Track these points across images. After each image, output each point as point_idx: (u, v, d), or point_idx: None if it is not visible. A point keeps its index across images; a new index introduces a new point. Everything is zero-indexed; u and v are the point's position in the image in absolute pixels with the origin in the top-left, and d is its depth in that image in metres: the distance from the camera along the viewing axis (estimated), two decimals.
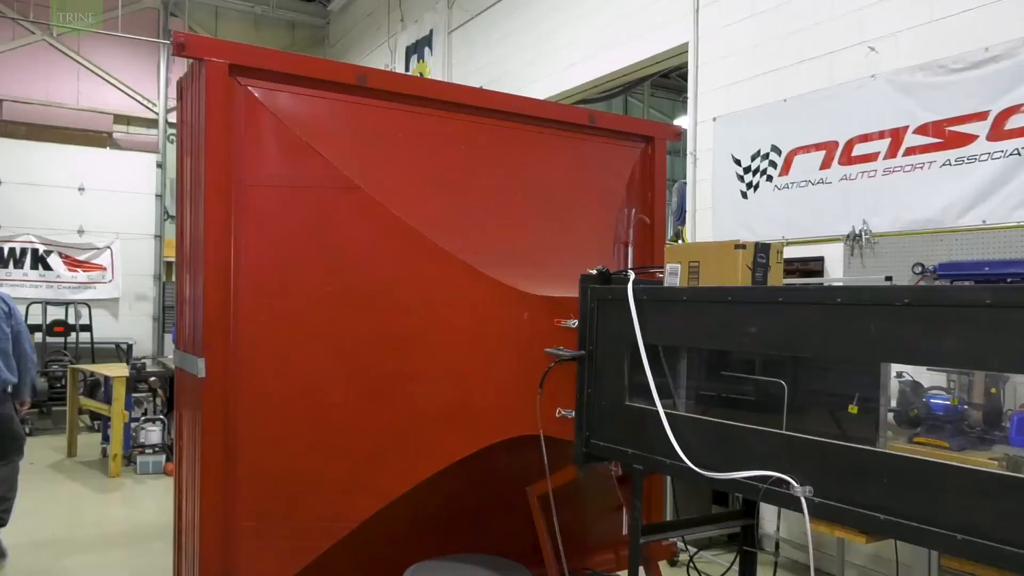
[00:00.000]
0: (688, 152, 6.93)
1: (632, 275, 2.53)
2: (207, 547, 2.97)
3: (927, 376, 3.46)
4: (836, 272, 5.54)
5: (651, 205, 4.45)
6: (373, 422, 3.11)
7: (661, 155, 4.50)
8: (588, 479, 3.25)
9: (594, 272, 2.70)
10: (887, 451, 1.92)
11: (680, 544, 5.04)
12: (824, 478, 1.94)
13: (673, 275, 2.51)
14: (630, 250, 4.14)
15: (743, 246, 2.32)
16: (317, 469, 3.08)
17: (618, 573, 4.03)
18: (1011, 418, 2.37)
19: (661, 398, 2.37)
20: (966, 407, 2.90)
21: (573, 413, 2.73)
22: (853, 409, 2.06)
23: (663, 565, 4.05)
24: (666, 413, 2.31)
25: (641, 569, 2.63)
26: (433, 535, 3.49)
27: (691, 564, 3.28)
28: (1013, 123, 4.55)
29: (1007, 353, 1.61)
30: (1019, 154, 4.51)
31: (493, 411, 3.00)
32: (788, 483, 1.94)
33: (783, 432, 2.10)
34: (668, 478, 5.40)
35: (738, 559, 2.89)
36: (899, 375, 3.44)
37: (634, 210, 4.28)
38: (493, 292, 3.04)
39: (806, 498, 1.92)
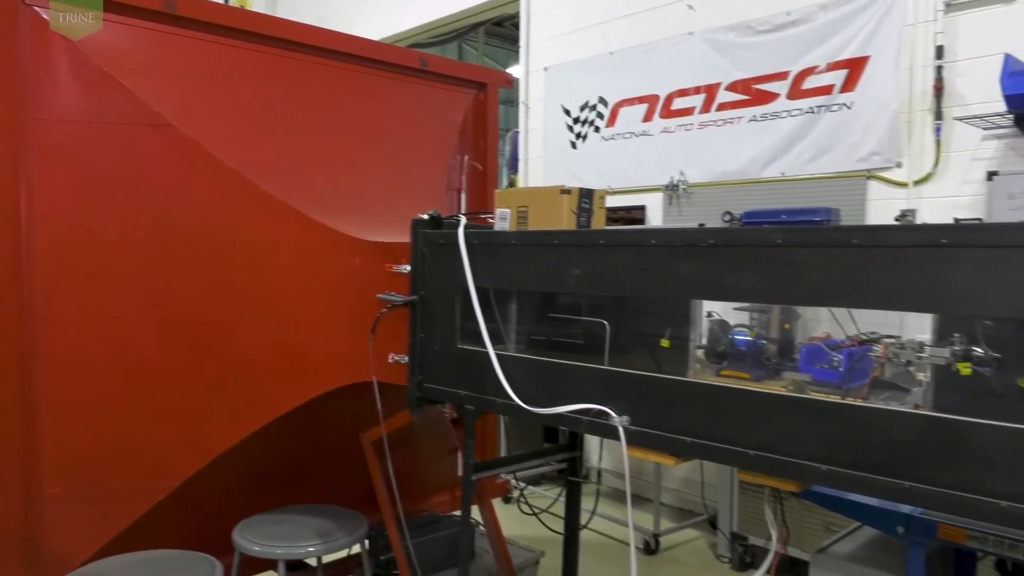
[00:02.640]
0: (521, 101, 7.02)
1: (463, 220, 2.55)
2: (7, 519, 2.73)
3: (733, 315, 3.78)
4: (656, 220, 5.89)
5: (484, 152, 4.47)
6: (195, 375, 2.96)
7: (493, 102, 4.51)
8: (423, 423, 3.29)
9: (425, 217, 2.69)
10: (693, 381, 2.09)
11: (514, 482, 5.26)
12: (640, 408, 2.08)
13: (503, 220, 2.56)
14: (463, 196, 4.16)
15: (568, 192, 2.40)
16: (133, 427, 2.90)
17: (454, 513, 4.15)
18: (801, 350, 2.65)
19: (492, 341, 2.43)
20: (764, 342, 3.20)
21: (406, 358, 2.73)
22: (665, 343, 2.22)
23: (498, 503, 4.21)
24: (496, 354, 2.37)
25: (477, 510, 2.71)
26: (267, 489, 3.40)
27: (521, 498, 3.43)
28: (809, 84, 4.98)
29: (795, 287, 1.79)
30: (813, 112, 4.96)
31: (325, 359, 2.94)
32: (607, 414, 2.07)
33: (603, 368, 2.23)
34: (502, 420, 5.60)
35: (565, 490, 3.07)
36: (709, 315, 3.73)
37: (467, 157, 4.28)
38: (323, 238, 2.95)
39: (623, 427, 2.06)
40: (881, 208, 4.64)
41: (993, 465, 1.47)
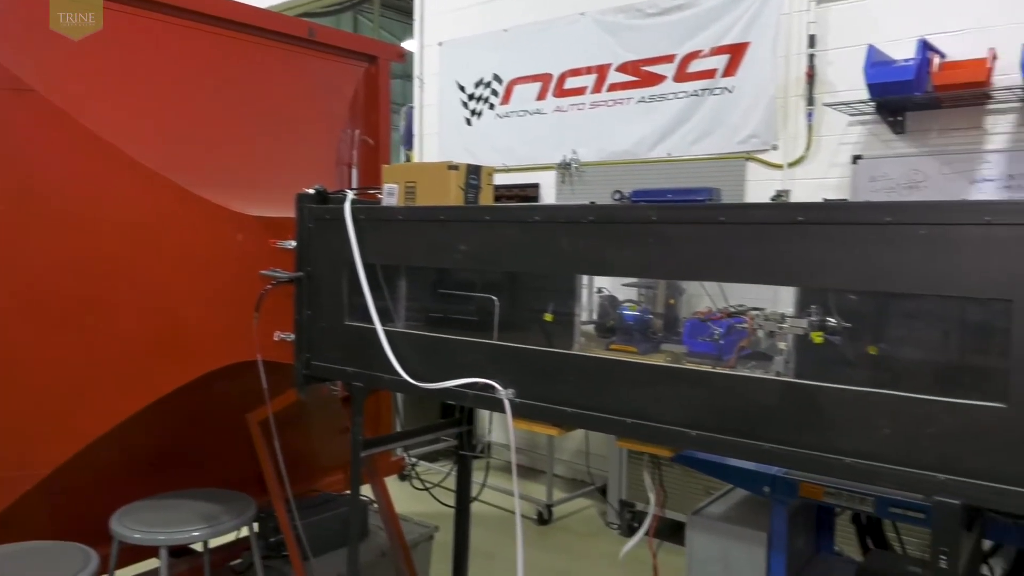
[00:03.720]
0: (415, 76, 6.93)
1: (350, 194, 2.51)
2: None
3: (622, 291, 3.90)
4: (550, 197, 5.98)
5: (376, 127, 4.40)
6: (66, 357, 2.80)
7: (385, 76, 4.44)
8: (315, 402, 3.25)
9: (311, 192, 2.63)
10: (574, 353, 2.16)
11: (409, 459, 5.27)
12: (526, 381, 2.12)
13: (390, 195, 2.54)
14: (354, 171, 4.09)
15: (456, 167, 2.41)
16: None
17: (348, 491, 4.12)
18: (684, 324, 2.76)
19: (382, 317, 2.42)
20: (651, 316, 3.32)
21: (292, 336, 2.68)
22: (548, 317, 2.27)
23: (394, 480, 4.21)
24: (384, 330, 2.37)
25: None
26: (149, 475, 3.27)
27: (412, 473, 3.45)
28: (694, 67, 5.16)
29: (669, 262, 1.88)
30: (697, 95, 5.14)
31: (206, 338, 2.85)
32: (493, 387, 2.11)
33: (489, 342, 2.27)
34: (399, 398, 5.59)
35: (457, 465, 3.10)
36: (599, 291, 3.83)
37: (358, 131, 4.21)
38: (203, 212, 2.84)
39: (509, 400, 2.10)
40: (759, 188, 4.89)
41: (840, 426, 1.60)
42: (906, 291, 1.57)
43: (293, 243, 2.67)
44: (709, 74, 5.07)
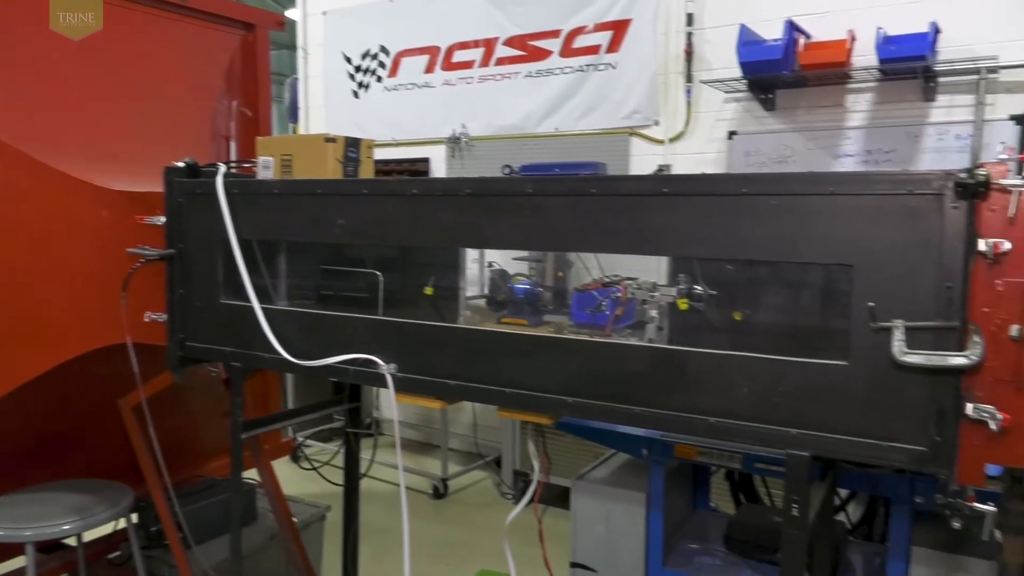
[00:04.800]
0: (299, 46, 6.70)
1: (222, 168, 2.41)
2: None
3: (513, 265, 3.94)
4: (440, 172, 5.94)
5: (255, 98, 4.22)
6: None
7: (263, 45, 4.26)
8: (197, 384, 3.12)
9: (180, 165, 2.51)
10: (455, 326, 2.17)
11: (299, 439, 5.17)
12: (409, 356, 2.12)
13: (266, 168, 2.46)
14: (232, 144, 3.92)
15: (333, 140, 2.35)
16: None
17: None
18: (572, 296, 2.82)
19: (261, 295, 2.35)
20: (541, 289, 3.36)
21: (164, 316, 2.57)
22: (429, 291, 2.27)
23: (286, 462, 4.12)
24: (262, 308, 2.30)
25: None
26: (18, 468, 3.07)
27: (299, 453, 3.39)
28: (579, 43, 5.22)
29: (545, 234, 1.91)
30: (583, 71, 5.22)
31: (70, 322, 2.68)
32: (375, 363, 2.09)
33: (372, 317, 2.24)
34: (290, 378, 5.46)
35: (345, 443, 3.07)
36: (490, 265, 3.85)
37: (235, 102, 4.03)
38: (64, 188, 2.65)
39: (391, 374, 2.09)
40: (643, 163, 5.03)
41: (703, 388, 1.68)
42: (761, 258, 1.66)
43: (162, 219, 2.54)
44: (594, 50, 5.15)
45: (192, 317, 2.54)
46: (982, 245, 1.36)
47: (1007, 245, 1.34)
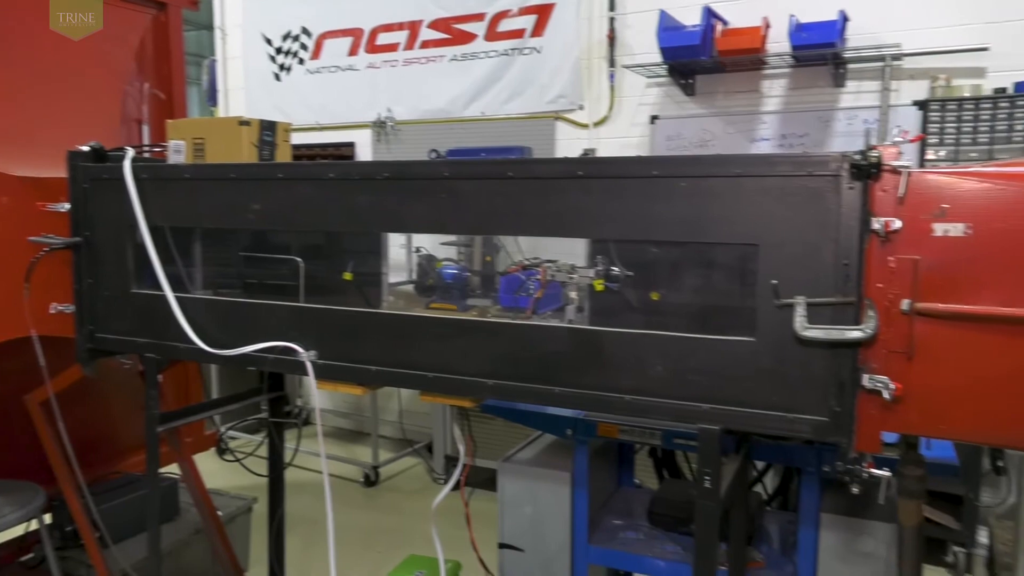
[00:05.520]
0: (216, 27, 6.48)
1: (130, 152, 2.32)
2: None
3: (442, 250, 3.92)
4: (366, 156, 5.86)
5: (168, 80, 4.08)
6: None
7: (176, 24, 4.10)
8: (113, 378, 3.01)
9: (85, 149, 2.40)
10: (376, 312, 2.15)
11: (226, 432, 5.05)
12: (330, 342, 2.09)
13: (177, 152, 2.38)
14: (144, 128, 3.78)
15: (247, 123, 2.29)
16: None
17: (160, 470, 3.90)
18: (500, 280, 2.82)
19: (175, 283, 2.28)
20: (469, 274, 3.36)
21: (72, 307, 2.46)
22: (347, 276, 2.25)
23: (211, 456, 4.03)
24: (176, 297, 2.23)
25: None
26: None
27: (224, 445, 3.32)
28: (504, 26, 5.21)
29: (463, 217, 1.91)
30: (508, 55, 5.21)
31: None
32: (294, 350, 2.06)
33: (291, 304, 2.21)
34: (214, 369, 5.31)
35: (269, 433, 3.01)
36: (418, 250, 3.82)
37: (147, 84, 3.88)
38: None
39: (311, 361, 2.07)
40: (568, 147, 5.07)
41: (620, 366, 1.72)
42: (672, 239, 1.71)
43: (67, 206, 2.43)
44: (518, 34, 5.15)
45: (102, 308, 2.45)
46: (875, 224, 1.42)
47: (897, 224, 1.41)
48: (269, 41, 6.20)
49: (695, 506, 1.67)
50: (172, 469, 3.41)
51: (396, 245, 4.36)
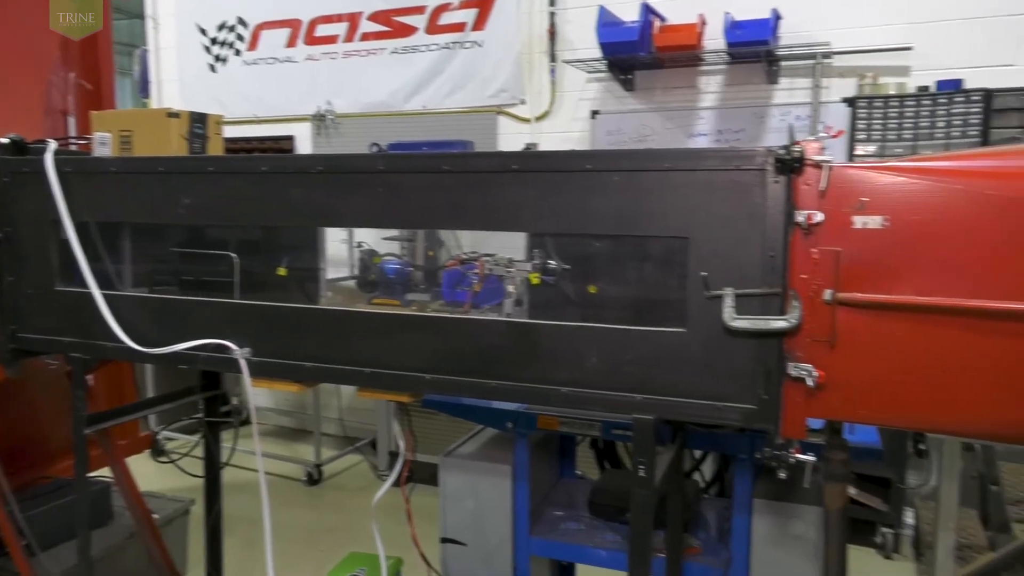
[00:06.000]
0: (147, 15, 6.29)
1: (52, 144, 2.23)
2: None
3: (384, 245, 3.88)
4: (305, 150, 5.76)
5: (96, 70, 3.94)
6: None
7: (104, 11, 3.97)
8: (39, 379, 2.89)
9: (4, 141, 2.31)
10: (312, 307, 2.13)
11: (161, 432, 4.92)
12: (265, 339, 2.06)
13: (103, 145, 2.30)
14: (71, 120, 3.64)
15: (176, 115, 2.23)
16: None
17: (90, 475, 3.78)
18: (443, 275, 2.81)
19: (102, 280, 2.21)
20: (412, 269, 3.33)
21: None
22: (282, 271, 2.21)
23: (147, 458, 3.93)
24: (103, 294, 2.16)
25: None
26: None
27: (161, 447, 3.23)
28: (444, 19, 5.18)
29: (399, 211, 1.89)
30: (449, 48, 5.19)
31: None
32: (227, 347, 2.02)
33: (226, 301, 2.16)
34: (150, 369, 5.16)
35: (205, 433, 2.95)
36: (359, 245, 3.77)
37: (73, 74, 3.74)
38: None
39: (246, 359, 2.03)
40: (510, 141, 5.08)
41: (556, 359, 1.74)
42: (606, 233, 1.73)
43: None
44: (459, 27, 5.13)
45: (24, 306, 2.35)
46: (799, 216, 1.47)
47: (820, 216, 1.45)
48: (204, 31, 6.05)
49: (631, 495, 1.70)
50: (108, 472, 3.32)
51: (337, 240, 4.33)
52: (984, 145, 3.87)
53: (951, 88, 4.00)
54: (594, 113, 4.85)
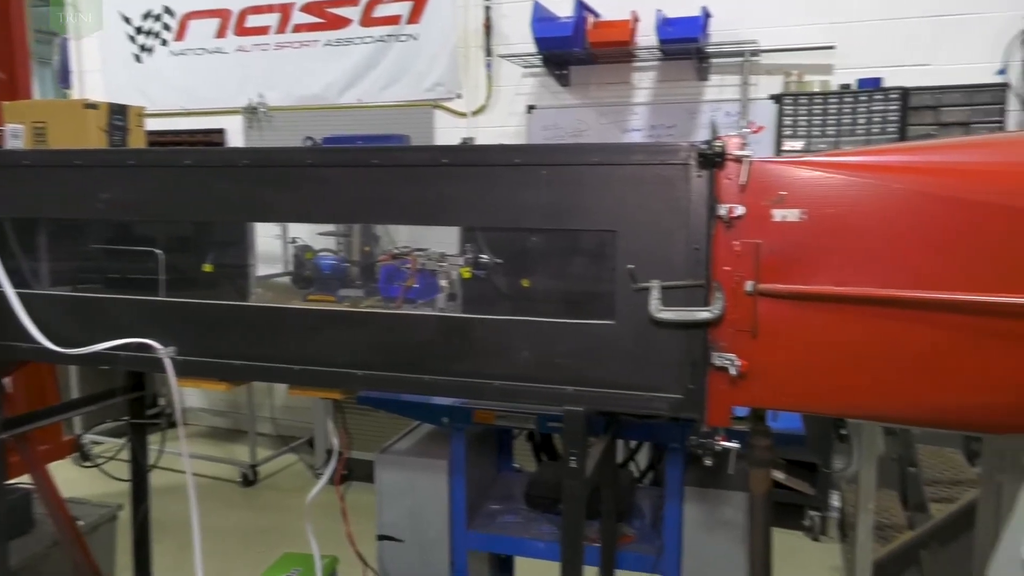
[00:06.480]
0: (67, 2, 6.04)
1: None
2: None
3: (319, 240, 3.81)
4: (237, 144, 5.63)
5: (10, 59, 3.76)
6: None
7: None
8: None
9: None
10: (240, 304, 2.08)
11: (85, 436, 4.74)
12: (192, 337, 2.01)
13: (16, 137, 2.21)
14: None
15: (95, 106, 2.15)
16: None
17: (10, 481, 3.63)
18: (380, 270, 2.78)
19: (17, 278, 2.12)
20: (348, 264, 3.28)
21: None
22: (208, 268, 2.16)
23: (70, 464, 3.78)
24: (19, 293, 2.08)
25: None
26: None
27: (84, 450, 3.12)
28: (379, 12, 5.13)
29: (328, 206, 1.87)
30: (384, 41, 5.13)
31: None
32: (151, 347, 1.96)
33: (150, 299, 2.10)
34: (74, 371, 4.97)
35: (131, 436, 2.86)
36: (293, 240, 3.70)
37: None
38: None
39: (171, 358, 1.97)
40: (447, 135, 5.06)
41: (489, 353, 1.74)
42: (536, 227, 1.74)
43: None
44: (394, 20, 5.08)
45: None
46: (721, 210, 1.50)
47: (740, 210, 1.49)
48: (128, 20, 5.84)
49: (563, 486, 1.72)
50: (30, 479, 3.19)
51: (270, 236, 4.24)
52: (901, 141, 4.03)
53: (871, 86, 4.15)
54: (530, 108, 4.87)
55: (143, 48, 5.84)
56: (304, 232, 3.64)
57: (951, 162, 1.51)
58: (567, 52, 4.47)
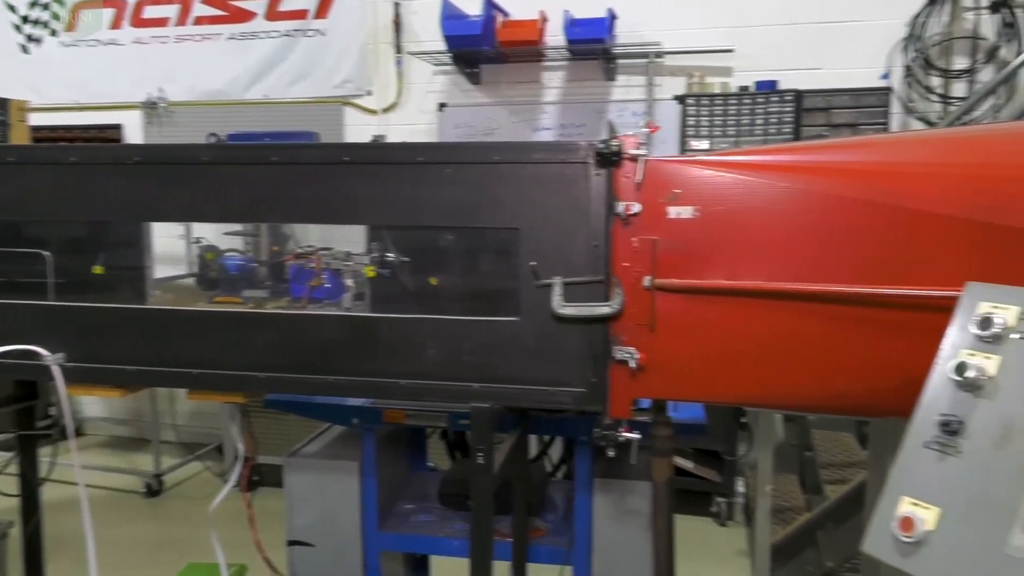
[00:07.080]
0: None
1: None
2: None
3: (225, 240, 3.69)
4: (136, 140, 5.39)
5: None
6: None
7: None
8: None
9: None
10: (134, 307, 2.00)
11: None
12: (83, 343, 1.92)
13: None
14: None
15: None
16: None
17: None
18: (289, 270, 2.71)
19: None
20: (256, 265, 3.19)
21: None
22: (98, 270, 2.07)
23: None
24: None
25: None
26: None
27: None
28: (285, 6, 5.01)
29: (227, 204, 1.82)
30: (290, 36, 5.02)
31: None
32: (37, 353, 1.86)
33: (35, 303, 1.99)
34: None
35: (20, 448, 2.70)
36: (197, 240, 3.57)
37: None
38: None
39: (59, 365, 1.88)
40: (357, 133, 4.99)
41: (394, 351, 1.73)
42: (440, 225, 1.74)
43: None
44: (301, 14, 4.97)
45: None
46: (619, 207, 1.54)
47: (637, 207, 1.54)
48: (12, 8, 5.50)
49: (471, 482, 1.73)
50: None
51: (174, 236, 4.09)
52: (796, 140, 4.23)
53: (767, 88, 4.34)
54: (441, 106, 4.86)
55: (30, 38, 5.51)
56: (209, 232, 3.52)
57: (834, 162, 1.59)
58: (477, 51, 4.48)
